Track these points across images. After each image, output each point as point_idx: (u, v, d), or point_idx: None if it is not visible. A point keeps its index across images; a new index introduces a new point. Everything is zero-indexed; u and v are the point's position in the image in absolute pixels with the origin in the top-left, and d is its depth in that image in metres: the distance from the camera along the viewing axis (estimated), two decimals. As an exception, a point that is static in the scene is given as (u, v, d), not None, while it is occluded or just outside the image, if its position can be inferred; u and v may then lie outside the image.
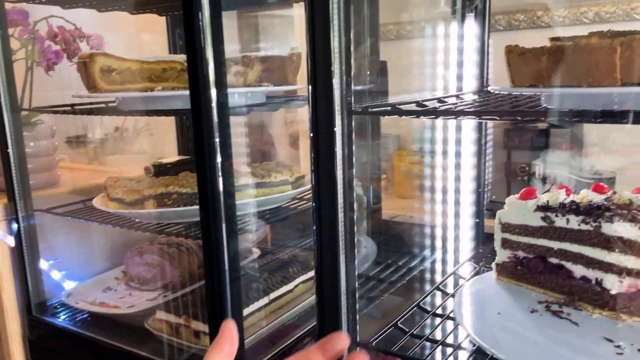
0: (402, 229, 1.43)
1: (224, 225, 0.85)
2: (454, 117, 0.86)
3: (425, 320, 0.97)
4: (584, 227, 0.89)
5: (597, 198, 0.96)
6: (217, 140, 0.82)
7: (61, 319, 1.22)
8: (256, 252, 1.40)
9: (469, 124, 1.24)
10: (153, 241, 1.28)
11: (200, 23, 0.77)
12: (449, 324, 0.97)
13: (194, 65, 0.78)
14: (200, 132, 0.82)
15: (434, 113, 0.75)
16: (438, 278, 1.29)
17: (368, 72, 1.17)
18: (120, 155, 2.19)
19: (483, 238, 1.31)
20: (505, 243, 1.02)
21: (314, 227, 0.80)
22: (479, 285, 1.02)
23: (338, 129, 0.77)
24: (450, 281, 1.16)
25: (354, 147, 0.80)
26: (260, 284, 1.16)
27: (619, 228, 0.84)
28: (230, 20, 1.81)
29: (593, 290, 0.88)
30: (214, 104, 0.79)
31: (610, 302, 0.86)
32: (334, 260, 0.80)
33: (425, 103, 0.90)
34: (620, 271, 0.84)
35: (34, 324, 1.24)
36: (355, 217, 0.83)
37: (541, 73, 0.74)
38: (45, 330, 1.22)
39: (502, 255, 1.03)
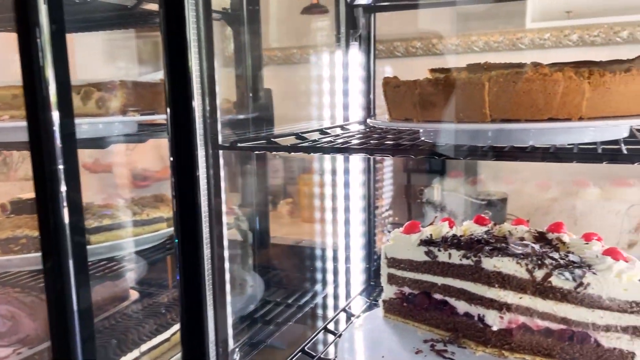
0: (298, 259, 1.37)
1: (71, 271, 0.73)
2: (321, 152, 0.81)
3: (309, 366, 0.91)
4: (465, 261, 0.87)
5: (479, 231, 0.95)
6: (61, 167, 0.71)
7: None
8: (134, 295, 1.27)
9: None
10: (7, 289, 1.12)
11: (39, 40, 0.66)
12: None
13: (30, 86, 0.67)
14: (39, 158, 0.70)
15: (302, 149, 0.70)
16: (330, 314, 1.23)
17: (251, 100, 1.10)
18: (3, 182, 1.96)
19: (375, 269, 1.27)
20: (392, 279, 0.98)
21: (177, 266, 0.71)
22: (365, 325, 0.97)
23: (201, 162, 0.69)
24: (342, 318, 1.11)
25: (221, 181, 0.73)
26: (132, 333, 1.04)
27: (498, 263, 0.83)
28: (102, 42, 1.68)
29: (476, 326, 0.86)
30: (56, 128, 0.69)
31: (492, 338, 0.84)
32: (199, 306, 0.71)
33: (304, 135, 0.85)
34: (501, 307, 0.83)
35: None
36: (226, 255, 0.75)
37: (416, 106, 0.71)
38: None
39: (389, 291, 0.99)
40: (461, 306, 0.89)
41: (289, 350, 0.97)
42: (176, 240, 0.71)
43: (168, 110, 0.68)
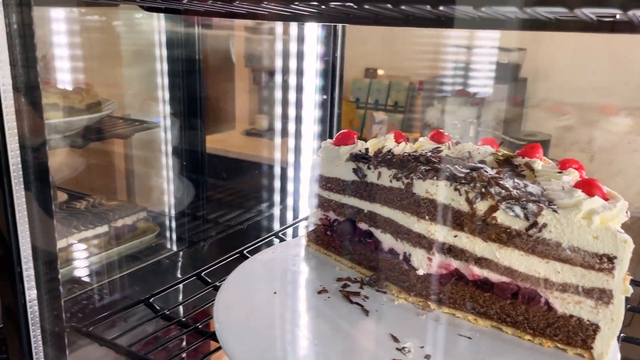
0: (236, 171, 1.19)
1: None
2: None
3: (200, 292, 0.74)
4: (395, 184, 0.66)
5: (429, 148, 0.73)
6: None
7: None
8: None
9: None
10: None
11: None
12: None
13: None
14: None
15: None
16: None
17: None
18: None
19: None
20: (318, 201, 0.79)
21: None
22: (278, 253, 0.79)
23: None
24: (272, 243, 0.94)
25: None
26: None
27: (431, 187, 0.61)
28: None
29: (400, 268, 0.67)
30: None
31: (417, 285, 0.65)
32: (6, 227, 0.55)
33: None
34: (430, 245, 0.63)
35: None
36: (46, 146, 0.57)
37: None
38: None
39: (315, 216, 0.80)
40: (387, 241, 0.69)
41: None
42: None
43: None
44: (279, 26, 1.25)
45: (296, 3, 0.56)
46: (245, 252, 0.86)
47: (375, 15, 0.61)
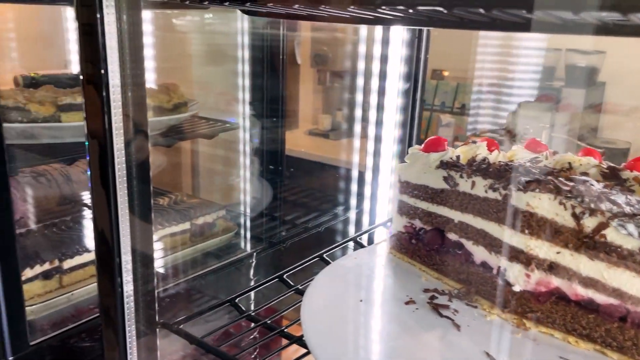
0: (320, 177, 1.18)
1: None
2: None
3: (282, 296, 0.74)
4: (491, 194, 0.63)
5: (527, 157, 0.70)
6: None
7: None
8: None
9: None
10: None
11: None
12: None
13: None
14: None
15: None
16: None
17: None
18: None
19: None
20: (403, 208, 0.77)
21: (88, 171, 0.57)
22: (360, 259, 0.78)
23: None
24: (349, 248, 0.93)
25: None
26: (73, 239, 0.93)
27: (533, 200, 0.58)
28: None
29: (493, 282, 0.64)
30: None
31: (512, 301, 0.62)
32: (108, 222, 0.56)
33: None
34: (529, 261, 0.60)
35: None
36: (149, 147, 0.59)
37: None
38: None
39: (398, 223, 0.78)
40: (479, 253, 0.66)
41: (272, 275, 0.81)
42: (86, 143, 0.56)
43: None
44: (359, 28, 1.24)
45: (383, 8, 0.55)
46: (324, 255, 0.86)
47: (461, 19, 0.59)
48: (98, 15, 0.50)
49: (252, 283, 0.87)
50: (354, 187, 1.08)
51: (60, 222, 0.93)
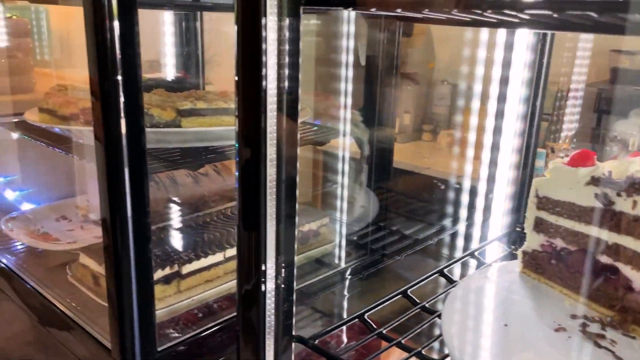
0: (421, 184, 1.14)
1: (125, 152, 0.61)
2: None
3: (406, 315, 0.71)
4: (659, 216, 0.57)
5: (691, 176, 0.63)
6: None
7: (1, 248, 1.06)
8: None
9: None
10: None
11: None
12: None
13: None
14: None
15: None
16: (455, 256, 1.00)
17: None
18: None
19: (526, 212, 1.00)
20: (540, 225, 0.72)
21: (236, 173, 0.55)
22: (493, 278, 0.73)
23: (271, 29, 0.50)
24: (468, 264, 0.89)
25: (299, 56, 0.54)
26: (223, 234, 0.93)
27: None
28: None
29: (658, 313, 0.58)
30: None
31: (683, 335, 0.56)
32: (256, 228, 0.55)
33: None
34: None
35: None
36: (297, 158, 0.57)
37: None
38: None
39: (534, 241, 0.73)
40: (638, 279, 0.60)
41: (389, 289, 0.78)
42: (236, 145, 0.55)
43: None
44: (465, 32, 1.19)
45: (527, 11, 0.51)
46: (445, 271, 0.82)
47: (595, 23, 0.54)
48: (263, 22, 0.49)
49: (367, 296, 0.84)
50: (464, 198, 1.03)
51: (176, 227, 0.94)
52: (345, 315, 0.75)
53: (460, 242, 1.03)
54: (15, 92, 1.25)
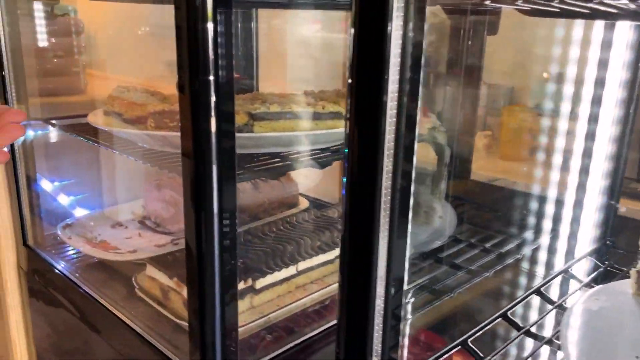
0: (499, 197, 1.07)
1: (214, 168, 0.57)
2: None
3: (512, 341, 0.64)
4: None
5: None
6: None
7: (55, 254, 1.02)
8: (303, 203, 1.12)
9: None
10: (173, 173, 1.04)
11: None
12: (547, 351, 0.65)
13: None
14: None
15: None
16: (540, 273, 0.93)
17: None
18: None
19: (614, 225, 0.92)
20: (662, 242, 0.65)
21: (344, 179, 0.50)
22: (604, 301, 0.66)
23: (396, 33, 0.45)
24: (557, 282, 0.82)
25: (421, 65, 0.48)
26: (293, 246, 0.88)
27: None
28: None
29: None
30: None
31: None
32: (369, 232, 0.49)
33: None
34: None
35: (31, 256, 1.06)
36: (413, 172, 0.52)
37: None
38: (39, 265, 1.03)
39: (652, 260, 0.66)
40: None
41: (485, 311, 0.72)
42: (346, 150, 0.50)
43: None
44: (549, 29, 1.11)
45: None
46: (541, 289, 0.75)
47: None
48: (389, 27, 0.43)
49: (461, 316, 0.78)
50: (548, 209, 0.96)
51: (246, 237, 0.89)
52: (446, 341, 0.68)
53: (543, 256, 0.95)
54: (65, 93, 1.22)
